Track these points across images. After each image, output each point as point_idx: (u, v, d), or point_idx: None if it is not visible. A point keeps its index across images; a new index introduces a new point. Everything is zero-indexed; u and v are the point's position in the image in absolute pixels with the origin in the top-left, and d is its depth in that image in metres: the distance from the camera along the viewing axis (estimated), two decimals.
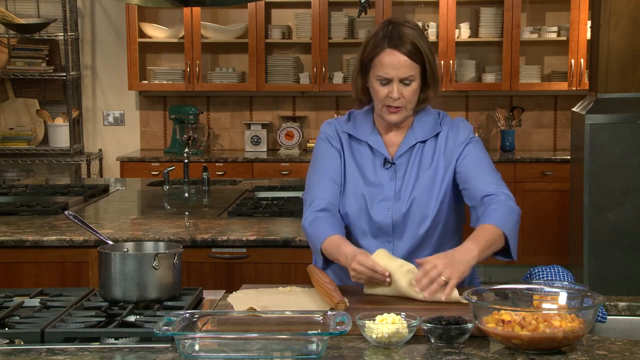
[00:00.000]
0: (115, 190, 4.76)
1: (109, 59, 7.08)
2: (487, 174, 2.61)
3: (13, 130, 6.95)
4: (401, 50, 2.52)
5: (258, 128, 6.96)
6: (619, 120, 5.04)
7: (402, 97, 2.55)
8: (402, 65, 2.52)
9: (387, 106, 2.58)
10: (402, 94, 2.55)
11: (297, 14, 6.87)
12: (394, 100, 2.55)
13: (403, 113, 2.59)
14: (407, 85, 2.55)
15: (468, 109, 7.03)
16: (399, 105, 2.57)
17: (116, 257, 2.40)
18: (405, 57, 2.52)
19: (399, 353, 2.04)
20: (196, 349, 2.00)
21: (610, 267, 5.07)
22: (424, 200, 2.61)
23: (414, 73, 2.54)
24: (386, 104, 2.57)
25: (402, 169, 2.63)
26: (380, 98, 2.57)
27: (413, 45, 2.52)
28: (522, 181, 6.47)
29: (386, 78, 2.54)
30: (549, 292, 2.24)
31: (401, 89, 2.55)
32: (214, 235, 3.49)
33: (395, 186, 2.62)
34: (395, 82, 2.54)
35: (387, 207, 2.61)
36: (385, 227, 2.62)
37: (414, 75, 2.54)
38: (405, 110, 2.59)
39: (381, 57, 2.54)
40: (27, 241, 3.44)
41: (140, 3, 4.84)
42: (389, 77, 2.53)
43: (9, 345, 2.11)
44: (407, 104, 2.57)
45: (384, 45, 2.53)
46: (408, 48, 2.52)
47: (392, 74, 2.53)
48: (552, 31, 6.75)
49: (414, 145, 2.64)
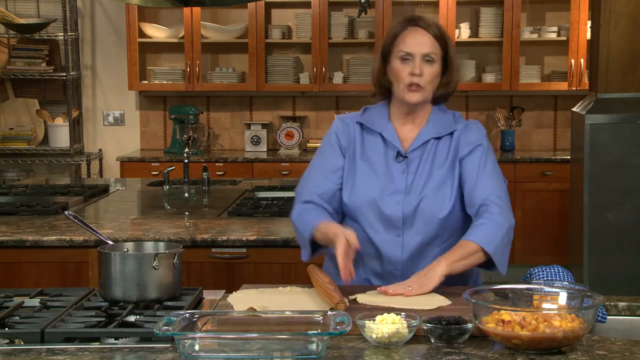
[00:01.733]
0: (115, 190, 4.76)
1: (109, 59, 7.08)
2: (488, 181, 2.58)
3: (13, 130, 6.95)
4: (424, 27, 2.57)
5: (258, 128, 6.96)
6: (619, 120, 5.04)
7: (423, 75, 2.56)
8: (425, 42, 2.56)
9: (409, 85, 2.57)
10: (423, 72, 2.56)
11: (297, 14, 6.87)
12: (416, 77, 2.55)
13: (423, 93, 2.59)
14: (429, 64, 2.57)
15: (468, 109, 7.03)
16: (420, 83, 2.56)
17: (116, 257, 2.40)
18: (429, 34, 2.57)
19: (399, 353, 2.04)
20: (196, 349, 2.00)
21: (610, 267, 5.07)
22: (434, 198, 2.59)
23: (436, 52, 2.57)
24: (407, 82, 2.56)
25: (414, 164, 2.62)
26: (403, 75, 2.57)
27: (437, 28, 2.58)
28: (522, 181, 6.47)
29: (409, 53, 2.56)
30: (549, 292, 2.24)
31: (422, 66, 2.56)
32: (214, 235, 3.49)
33: (407, 180, 2.60)
34: (418, 58, 2.56)
35: (397, 200, 2.59)
36: (395, 221, 2.59)
37: (436, 54, 2.57)
38: (425, 91, 2.58)
39: (404, 35, 2.58)
40: (27, 241, 3.44)
41: (140, 3, 4.83)
42: (412, 51, 2.56)
43: (9, 345, 2.11)
44: (427, 84, 2.58)
45: (407, 26, 2.59)
46: (433, 28, 2.57)
47: (415, 49, 2.56)
48: (552, 31, 6.75)
49: (428, 141, 2.63)
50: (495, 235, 2.50)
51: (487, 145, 2.66)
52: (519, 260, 6.46)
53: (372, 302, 2.38)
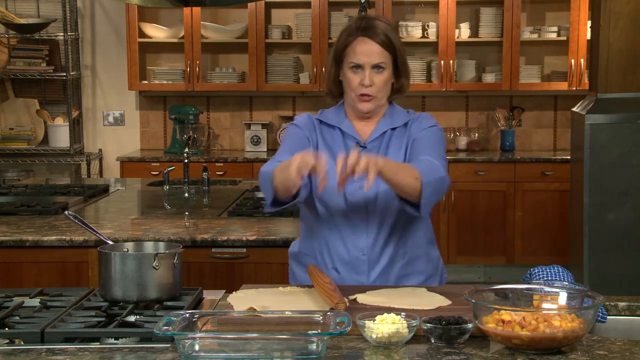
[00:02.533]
0: (115, 190, 4.76)
1: (109, 59, 7.08)
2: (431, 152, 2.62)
3: (13, 130, 6.95)
4: (373, 39, 2.62)
5: (258, 128, 6.96)
6: (619, 120, 5.04)
7: (374, 84, 2.63)
8: (373, 53, 2.61)
9: (360, 95, 2.64)
10: (374, 81, 2.63)
11: (297, 14, 6.87)
12: (365, 88, 2.62)
13: (375, 102, 2.67)
14: (379, 73, 2.63)
15: (468, 109, 7.03)
16: (371, 92, 2.64)
17: (116, 257, 2.40)
18: (377, 45, 2.62)
19: (399, 353, 2.04)
20: (196, 349, 2.00)
21: (610, 267, 5.07)
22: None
23: (386, 61, 2.63)
24: (358, 92, 2.64)
25: (373, 153, 2.65)
26: (353, 86, 2.64)
27: (385, 36, 2.63)
28: (522, 181, 6.47)
29: (358, 64, 2.62)
30: (549, 292, 2.24)
31: (372, 76, 2.63)
32: (214, 235, 3.49)
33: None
34: (367, 69, 2.62)
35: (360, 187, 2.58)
36: (358, 205, 2.65)
37: (385, 63, 2.63)
38: (376, 99, 2.66)
39: (354, 45, 2.63)
40: (27, 241, 3.44)
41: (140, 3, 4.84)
42: (361, 63, 2.62)
43: (9, 345, 2.11)
44: (379, 92, 2.65)
45: (356, 35, 2.64)
46: (381, 37, 2.62)
47: (364, 60, 2.62)
48: (552, 31, 6.76)
49: (385, 132, 2.71)
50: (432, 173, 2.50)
51: (438, 128, 2.73)
52: (519, 260, 6.47)
53: (372, 302, 2.38)
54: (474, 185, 6.49)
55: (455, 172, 6.46)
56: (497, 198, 6.48)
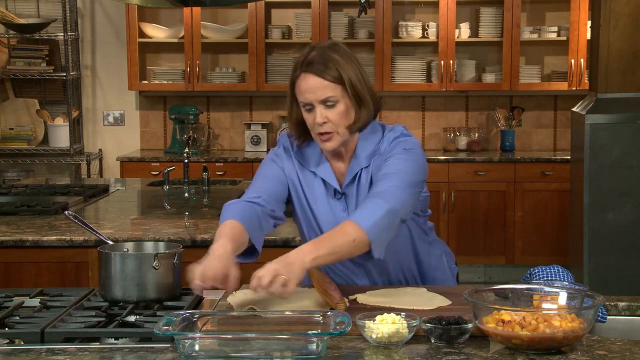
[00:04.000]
0: (115, 190, 4.76)
1: (109, 59, 7.08)
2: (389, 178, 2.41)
3: (13, 130, 6.95)
4: (315, 73, 2.39)
5: (258, 128, 6.96)
6: (619, 120, 5.04)
7: (329, 120, 2.41)
8: (317, 88, 2.39)
9: (319, 134, 2.44)
10: (328, 118, 2.41)
11: (297, 14, 6.87)
12: (320, 126, 2.41)
13: (336, 139, 2.44)
14: (331, 108, 2.40)
15: (468, 109, 7.03)
16: (329, 130, 2.42)
17: (116, 257, 2.40)
18: (320, 78, 2.39)
19: (399, 353, 2.04)
20: (196, 349, 2.00)
21: (610, 267, 5.07)
22: None
23: (334, 94, 2.40)
24: (317, 131, 2.43)
25: (352, 198, 2.53)
26: (310, 126, 2.44)
27: (329, 67, 2.39)
28: (522, 181, 6.47)
29: (307, 103, 2.42)
30: (549, 292, 2.24)
31: (325, 112, 2.41)
32: (214, 235, 3.46)
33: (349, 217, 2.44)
34: (317, 107, 2.41)
35: None
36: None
37: (335, 96, 2.40)
38: (337, 135, 2.44)
39: (299, 83, 2.43)
40: (27, 241, 3.44)
41: (140, 3, 4.84)
42: (309, 101, 2.41)
43: (9, 345, 2.11)
44: (337, 127, 2.42)
45: (299, 71, 2.43)
46: (321, 68, 2.39)
47: (310, 97, 2.40)
48: (552, 31, 6.75)
49: (359, 172, 2.51)
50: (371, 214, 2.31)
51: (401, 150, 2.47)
52: (519, 260, 6.47)
53: (372, 302, 2.38)
54: (474, 185, 6.49)
55: (455, 172, 6.47)
56: (497, 198, 6.48)
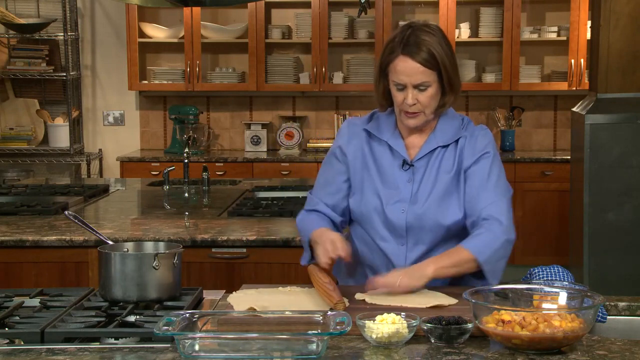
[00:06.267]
0: (115, 190, 4.76)
1: (109, 59, 7.08)
2: (491, 193, 2.55)
3: (13, 130, 6.96)
4: (414, 58, 2.49)
5: (258, 128, 6.96)
6: (619, 120, 5.04)
7: (419, 102, 2.52)
8: (414, 72, 2.49)
9: (405, 111, 2.55)
10: (418, 100, 2.52)
11: (297, 14, 6.87)
12: (409, 106, 2.53)
13: (421, 118, 2.56)
14: (423, 91, 2.52)
15: (468, 109, 7.03)
16: (416, 110, 2.54)
17: (116, 257, 2.40)
18: (418, 64, 2.49)
19: (399, 353, 2.04)
20: (196, 349, 2.00)
21: (610, 267, 5.07)
22: (439, 208, 2.56)
23: (429, 79, 2.51)
24: (403, 109, 2.55)
25: (420, 172, 2.60)
26: (398, 103, 2.56)
27: (428, 53, 2.49)
28: (522, 181, 6.47)
29: (400, 84, 2.52)
30: (549, 292, 2.24)
31: (416, 94, 2.52)
32: (214, 235, 3.49)
33: (412, 189, 2.58)
34: (410, 88, 2.51)
35: (402, 209, 2.58)
36: (399, 229, 2.58)
37: (429, 82, 2.51)
38: (423, 115, 2.56)
39: (395, 64, 2.51)
40: (27, 241, 3.44)
41: (140, 3, 4.83)
42: (403, 83, 2.51)
43: (9, 345, 2.11)
44: (425, 109, 2.54)
45: (398, 52, 2.51)
46: (422, 56, 2.49)
47: (405, 80, 2.51)
48: (552, 31, 6.76)
49: (435, 149, 2.61)
50: (489, 246, 2.48)
51: (494, 153, 2.62)
52: (519, 260, 6.46)
53: (373, 302, 2.38)
54: None
55: None
56: None
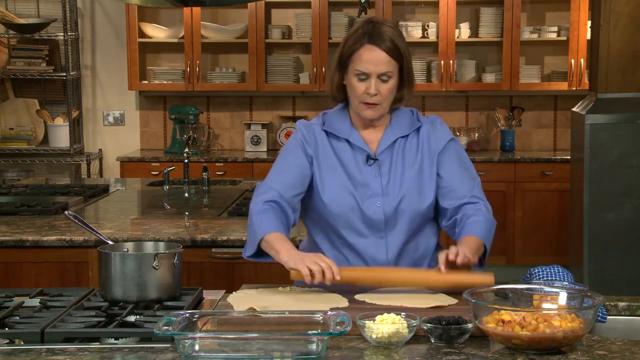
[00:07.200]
0: (115, 190, 4.76)
1: (109, 59, 7.08)
2: (468, 179, 2.65)
3: (13, 130, 6.95)
4: (381, 47, 2.54)
5: (258, 128, 6.96)
6: (619, 120, 5.04)
7: (379, 93, 2.56)
8: (381, 61, 2.54)
9: (365, 103, 2.59)
10: (379, 90, 2.56)
11: (297, 14, 6.87)
12: (371, 97, 2.57)
13: (379, 110, 2.60)
14: (385, 82, 2.56)
15: (468, 109, 7.03)
16: (376, 101, 2.58)
17: (116, 257, 2.40)
18: (385, 53, 2.54)
19: (399, 353, 2.04)
20: (196, 349, 2.00)
21: (610, 267, 5.07)
22: (414, 196, 2.62)
23: (392, 70, 2.56)
24: (363, 100, 2.58)
25: (385, 165, 2.64)
26: (358, 94, 2.58)
27: (392, 43, 2.55)
28: (522, 181, 6.47)
29: (365, 73, 2.55)
30: (549, 292, 2.24)
31: (378, 85, 2.56)
32: (214, 235, 3.49)
33: (382, 182, 2.62)
34: (373, 78, 2.56)
35: (377, 203, 2.61)
36: (377, 223, 2.62)
37: (392, 72, 2.56)
38: (381, 107, 2.60)
39: (360, 53, 2.55)
40: (27, 241, 3.44)
41: (140, 3, 4.84)
42: (368, 72, 2.55)
43: (9, 345, 2.11)
44: (384, 100, 2.59)
45: (363, 41, 2.55)
46: (388, 45, 2.54)
47: (370, 69, 2.55)
48: (552, 31, 6.75)
49: (395, 141, 2.66)
50: (490, 231, 2.58)
51: (457, 140, 2.72)
52: (519, 260, 6.47)
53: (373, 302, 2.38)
54: None
55: None
56: (497, 198, 6.47)
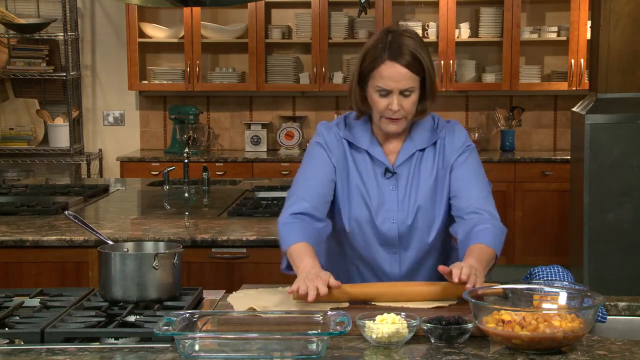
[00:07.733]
0: (115, 190, 4.76)
1: (109, 59, 7.08)
2: (478, 187, 2.61)
3: (13, 130, 6.95)
4: (401, 62, 2.48)
5: (258, 128, 6.96)
6: (619, 120, 5.04)
7: (402, 108, 2.51)
8: (402, 78, 2.48)
9: (388, 117, 2.54)
10: (402, 106, 2.51)
11: (297, 14, 6.87)
12: (393, 113, 2.52)
13: (402, 123, 2.56)
14: (407, 97, 2.51)
15: (468, 109, 7.03)
16: (399, 117, 2.53)
17: (116, 257, 2.40)
18: (406, 69, 2.48)
19: (399, 353, 2.04)
20: (196, 349, 2.00)
21: (610, 267, 5.07)
22: (429, 209, 2.59)
23: (414, 84, 2.50)
24: (385, 115, 2.54)
25: (403, 178, 2.61)
26: (380, 109, 2.53)
27: (413, 57, 2.48)
28: (522, 181, 6.47)
29: (386, 89, 2.50)
30: (549, 292, 2.24)
31: (401, 100, 2.51)
32: (214, 235, 3.49)
33: (398, 196, 2.60)
34: (395, 94, 2.50)
35: (392, 219, 2.59)
36: (391, 239, 2.61)
37: (414, 87, 2.51)
38: (405, 121, 2.56)
39: (381, 69, 2.49)
40: (27, 241, 3.44)
41: (140, 3, 4.84)
42: (389, 88, 2.49)
43: (9, 345, 2.11)
44: (407, 114, 2.54)
45: (383, 57, 2.49)
46: (408, 60, 2.48)
47: (392, 85, 2.49)
48: (552, 31, 6.75)
49: (413, 154, 2.62)
50: (500, 240, 2.54)
51: (473, 147, 2.67)
52: (519, 260, 6.47)
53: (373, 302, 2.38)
54: None
55: None
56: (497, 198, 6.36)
